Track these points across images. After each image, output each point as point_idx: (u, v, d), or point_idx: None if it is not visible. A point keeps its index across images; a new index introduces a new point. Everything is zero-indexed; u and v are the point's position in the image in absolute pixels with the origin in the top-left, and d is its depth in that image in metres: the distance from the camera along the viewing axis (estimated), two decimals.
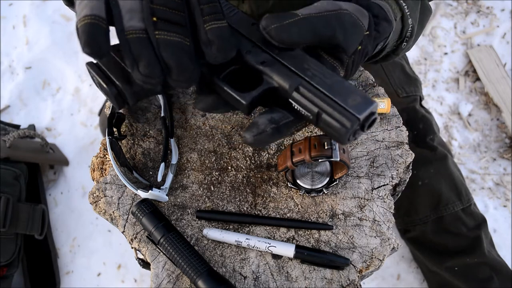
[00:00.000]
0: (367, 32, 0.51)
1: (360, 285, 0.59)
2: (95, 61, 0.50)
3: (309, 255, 0.58)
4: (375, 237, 0.60)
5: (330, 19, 0.48)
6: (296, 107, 0.47)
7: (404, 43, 0.62)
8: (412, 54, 1.50)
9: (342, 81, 0.46)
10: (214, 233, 0.59)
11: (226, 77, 0.49)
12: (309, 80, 0.46)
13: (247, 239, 0.59)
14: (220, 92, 0.49)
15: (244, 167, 0.64)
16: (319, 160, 0.55)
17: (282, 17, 0.47)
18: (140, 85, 0.46)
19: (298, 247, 0.58)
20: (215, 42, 0.43)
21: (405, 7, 0.58)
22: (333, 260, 0.58)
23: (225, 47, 0.43)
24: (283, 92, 0.47)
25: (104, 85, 0.48)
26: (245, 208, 0.62)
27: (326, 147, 0.54)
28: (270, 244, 0.58)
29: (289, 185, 0.61)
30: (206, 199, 0.63)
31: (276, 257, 0.60)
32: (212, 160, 0.65)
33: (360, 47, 0.51)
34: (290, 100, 0.47)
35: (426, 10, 0.65)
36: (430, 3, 0.68)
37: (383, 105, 0.65)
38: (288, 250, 0.58)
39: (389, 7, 0.56)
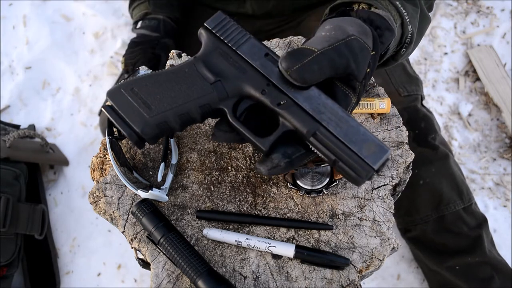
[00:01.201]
0: (373, 52, 0.52)
1: (360, 285, 0.59)
2: (110, 104, 0.51)
3: (309, 255, 0.58)
4: (375, 237, 0.60)
5: (343, 50, 0.48)
6: (312, 149, 0.49)
7: (404, 49, 0.62)
8: (412, 54, 1.49)
9: (357, 127, 0.48)
10: (214, 233, 0.59)
11: (242, 114, 0.51)
12: (326, 126, 0.47)
13: (247, 239, 0.59)
14: (238, 131, 0.51)
15: (244, 167, 0.64)
16: (321, 166, 0.54)
17: (300, 55, 0.47)
18: (157, 126, 0.49)
19: (298, 247, 0.58)
20: None
21: (405, 13, 0.58)
22: (333, 260, 0.58)
23: None
24: (300, 134, 0.49)
25: (123, 131, 0.49)
26: (245, 208, 0.62)
27: None
28: (270, 244, 0.58)
29: (289, 185, 0.61)
30: (206, 199, 0.63)
31: (276, 257, 0.60)
32: (212, 160, 0.65)
33: (368, 70, 0.51)
34: (307, 143, 0.49)
35: (425, 19, 0.65)
36: None
37: (383, 105, 0.65)
38: (288, 250, 0.58)
39: (389, 15, 0.56)
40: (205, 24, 0.53)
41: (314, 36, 0.52)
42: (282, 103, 0.49)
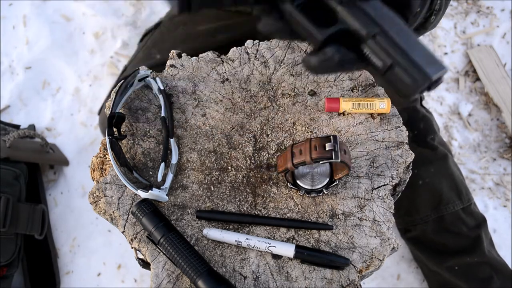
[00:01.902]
0: None
1: (360, 285, 0.59)
2: None
3: (309, 255, 0.58)
4: (375, 237, 0.60)
5: None
6: (367, 53, 0.47)
7: (433, 17, 0.62)
8: None
9: (417, 40, 0.46)
10: (214, 233, 0.59)
11: (299, 5, 0.48)
12: (387, 30, 0.46)
13: (247, 239, 0.59)
14: (290, 20, 0.48)
15: (244, 167, 0.64)
16: (320, 162, 0.55)
17: None
18: None
19: (298, 247, 0.58)
20: None
21: None
22: (333, 260, 0.58)
23: None
24: (358, 36, 0.47)
25: None
26: (245, 208, 0.62)
27: (327, 149, 0.54)
28: (270, 244, 0.58)
29: (289, 185, 0.61)
30: (206, 199, 0.63)
31: (276, 257, 0.60)
32: (212, 160, 0.65)
33: (418, 9, 0.52)
34: (363, 46, 0.47)
35: None
36: None
37: (383, 105, 0.65)
38: (288, 250, 0.58)
39: None
40: None
41: None
42: (344, 1, 0.47)
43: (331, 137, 0.55)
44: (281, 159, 0.59)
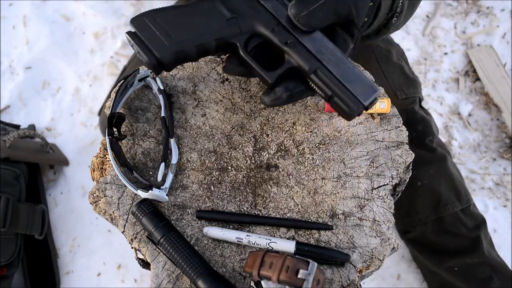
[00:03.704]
0: (371, 4, 0.56)
1: (360, 285, 0.59)
2: (133, 30, 0.55)
3: (309, 251, 0.58)
4: (375, 237, 0.60)
5: None
6: (312, 85, 0.55)
7: (394, 18, 0.65)
8: (412, 54, 1.50)
9: (353, 68, 0.54)
10: (214, 230, 0.59)
11: (252, 50, 0.57)
12: (326, 64, 0.53)
13: (247, 236, 0.59)
14: (247, 65, 0.56)
15: (244, 167, 0.64)
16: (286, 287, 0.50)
17: (307, 3, 0.52)
18: (176, 53, 0.54)
19: (298, 243, 0.58)
20: None
21: None
22: (333, 256, 0.58)
23: None
24: (303, 71, 0.54)
25: (144, 55, 0.54)
26: (245, 208, 0.62)
27: (298, 276, 0.49)
28: (270, 240, 0.58)
29: (252, 284, 0.55)
30: (206, 199, 0.63)
31: None
32: (212, 160, 0.65)
33: (366, 19, 0.56)
34: (308, 79, 0.54)
35: None
36: (430, 2, 0.69)
37: (383, 105, 0.65)
38: (288, 246, 0.58)
39: None
40: None
41: None
42: (288, 42, 0.54)
43: (309, 264, 0.50)
44: (252, 258, 0.54)
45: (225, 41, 0.56)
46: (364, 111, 0.54)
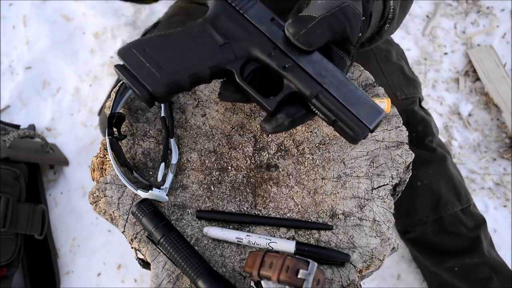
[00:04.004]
0: (363, 18, 0.55)
1: (360, 285, 0.59)
2: (122, 63, 0.52)
3: (309, 251, 0.58)
4: (375, 237, 0.60)
5: (339, 15, 0.52)
6: (314, 110, 0.52)
7: (387, 25, 0.65)
8: (412, 54, 1.50)
9: (355, 90, 0.51)
10: (214, 230, 0.59)
11: (248, 75, 0.54)
12: (327, 88, 0.51)
13: (247, 235, 0.59)
14: (244, 91, 0.53)
15: (244, 167, 0.64)
16: (286, 287, 0.50)
17: (304, 22, 0.51)
18: (168, 85, 0.51)
19: (298, 243, 0.58)
20: None
21: None
22: (333, 256, 0.58)
23: None
24: (303, 96, 0.52)
25: (135, 89, 0.50)
26: (245, 208, 0.62)
27: (298, 276, 0.50)
28: (270, 240, 0.58)
29: (252, 284, 0.56)
30: (206, 199, 0.63)
31: None
32: (212, 160, 0.65)
33: (360, 34, 0.55)
34: (310, 104, 0.52)
35: None
36: (430, 2, 0.69)
37: (383, 105, 0.65)
38: (288, 246, 0.58)
39: None
40: None
41: (310, 4, 0.55)
42: (287, 66, 0.52)
43: (309, 264, 0.50)
44: (252, 258, 0.54)
45: (219, 69, 0.53)
46: (370, 134, 0.52)
